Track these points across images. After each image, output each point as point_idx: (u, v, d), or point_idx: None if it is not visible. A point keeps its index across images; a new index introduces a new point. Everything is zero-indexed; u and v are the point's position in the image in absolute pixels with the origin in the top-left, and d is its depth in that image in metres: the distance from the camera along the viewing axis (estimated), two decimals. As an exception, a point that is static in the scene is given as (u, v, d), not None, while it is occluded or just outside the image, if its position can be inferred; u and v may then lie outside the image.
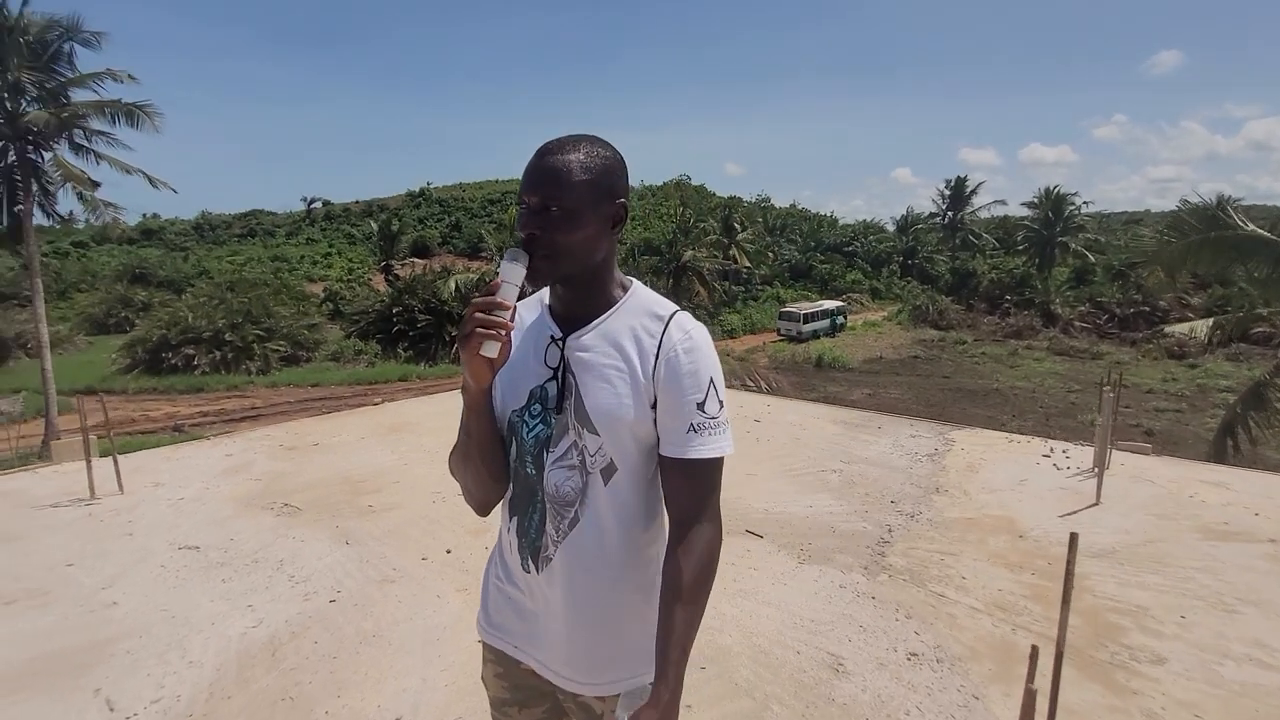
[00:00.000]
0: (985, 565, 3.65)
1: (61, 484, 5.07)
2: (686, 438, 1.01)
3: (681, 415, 1.01)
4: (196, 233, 60.99)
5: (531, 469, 1.08)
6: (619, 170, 1.05)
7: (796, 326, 30.47)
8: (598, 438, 1.03)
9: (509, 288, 0.94)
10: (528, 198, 0.99)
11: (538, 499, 1.08)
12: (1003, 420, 17.50)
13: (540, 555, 1.09)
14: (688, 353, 1.02)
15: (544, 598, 1.10)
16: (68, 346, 27.40)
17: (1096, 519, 4.27)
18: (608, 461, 1.04)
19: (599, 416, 1.03)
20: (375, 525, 4.26)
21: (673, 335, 1.03)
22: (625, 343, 1.05)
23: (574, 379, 1.05)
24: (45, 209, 15.64)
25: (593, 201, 1.00)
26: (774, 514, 4.37)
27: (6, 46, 13.87)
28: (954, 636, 2.96)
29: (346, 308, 30.64)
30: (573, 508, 1.06)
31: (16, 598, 3.40)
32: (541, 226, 0.98)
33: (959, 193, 45.15)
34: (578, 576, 1.07)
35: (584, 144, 1.02)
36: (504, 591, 1.17)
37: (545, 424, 1.06)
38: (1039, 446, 5.89)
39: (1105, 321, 31.59)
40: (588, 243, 1.01)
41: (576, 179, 0.98)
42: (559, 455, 1.06)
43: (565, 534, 1.06)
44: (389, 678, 2.70)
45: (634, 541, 1.09)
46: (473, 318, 0.92)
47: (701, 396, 1.02)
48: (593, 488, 1.05)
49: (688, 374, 1.02)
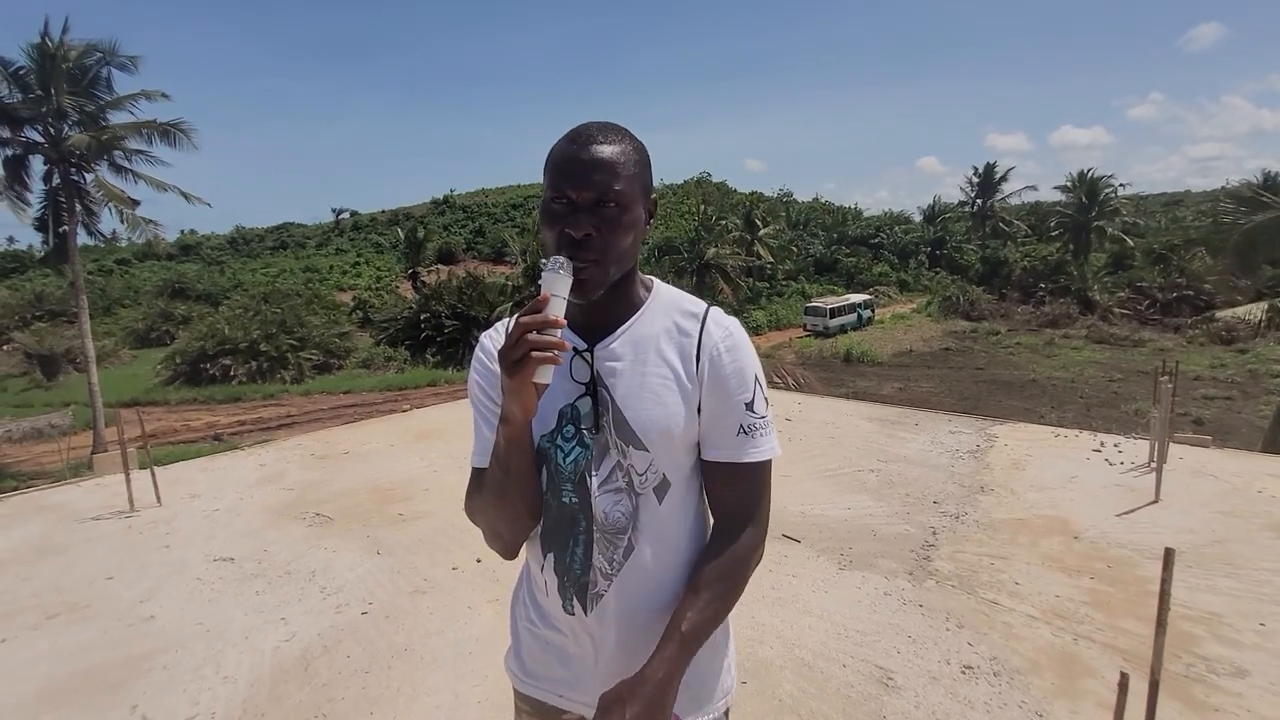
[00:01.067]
0: (1039, 569, 3.46)
1: (103, 497, 5.17)
2: (738, 441, 0.95)
3: (731, 417, 0.95)
4: (231, 247, 62.73)
5: (573, 497, 0.97)
6: (649, 161, 0.95)
7: (823, 321, 29.98)
8: (646, 454, 0.94)
9: (558, 302, 0.82)
10: (575, 192, 0.86)
11: (580, 530, 0.97)
12: (1041, 412, 16.92)
13: (589, 593, 0.97)
14: (730, 350, 0.95)
15: (594, 639, 0.99)
16: (113, 360, 28.39)
17: (1157, 518, 4.03)
18: (660, 478, 0.95)
19: (646, 430, 0.93)
20: (406, 534, 4.23)
21: (712, 333, 0.96)
22: (662, 346, 0.96)
23: (608, 393, 0.95)
24: (89, 228, 16.19)
25: (640, 197, 0.91)
26: (811, 517, 4.23)
27: (50, 73, 14.38)
28: (1011, 647, 2.79)
29: (375, 315, 31.15)
30: (625, 534, 0.95)
31: (59, 611, 3.44)
32: (596, 226, 0.86)
33: (988, 180, 43.96)
34: (638, 610, 0.97)
35: (623, 132, 0.92)
36: (540, 637, 1.05)
37: (583, 446, 0.95)
38: (1088, 441, 5.62)
39: (1147, 307, 30.40)
40: (635, 245, 0.92)
41: (631, 172, 0.88)
42: (604, 478, 0.95)
43: (620, 564, 0.96)
44: (421, 694, 2.64)
45: (691, 561, 1.00)
46: (524, 340, 0.78)
47: (750, 396, 0.95)
48: (645, 509, 0.95)
49: (733, 373, 0.95)
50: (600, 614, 0.97)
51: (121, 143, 15.67)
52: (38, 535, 4.46)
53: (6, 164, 14.63)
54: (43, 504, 5.10)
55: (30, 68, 14.41)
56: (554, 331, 0.80)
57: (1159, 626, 1.87)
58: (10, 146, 14.59)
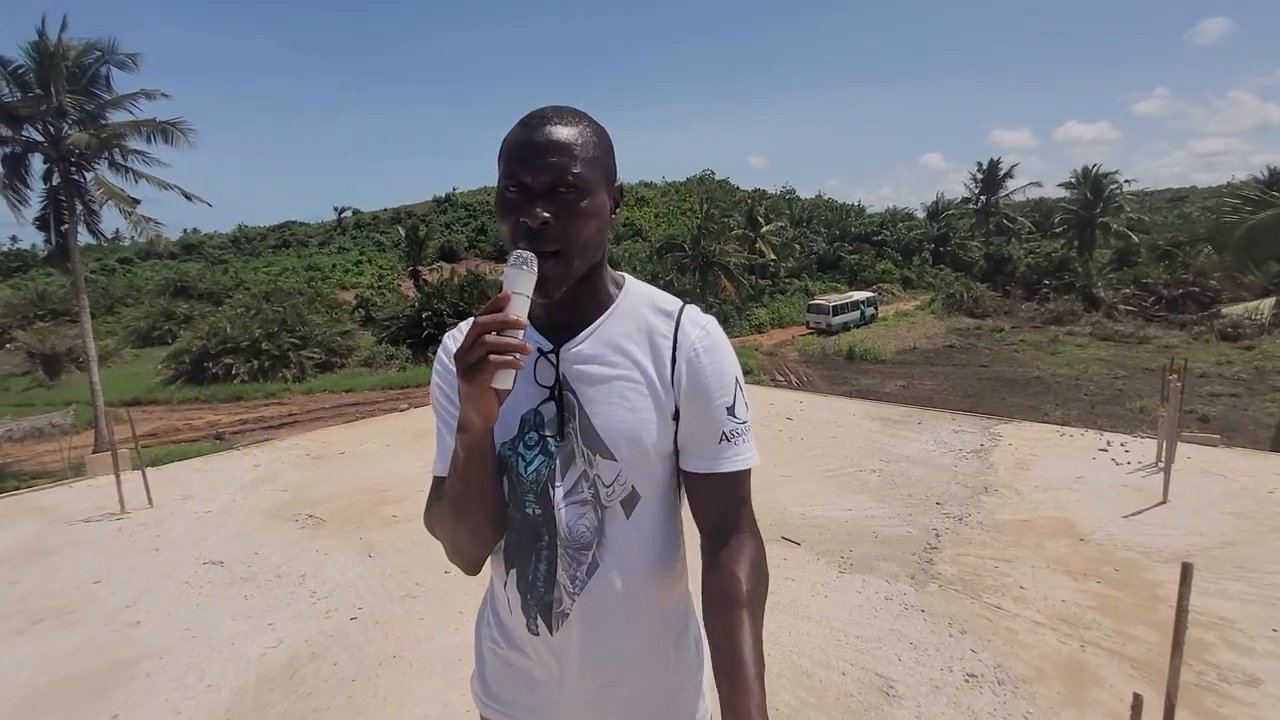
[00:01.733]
0: (1045, 573, 3.38)
1: (95, 498, 5.12)
2: (719, 449, 0.88)
3: (711, 424, 0.88)
4: (234, 245, 62.79)
5: (536, 509, 0.89)
6: (612, 147, 0.88)
7: (826, 319, 29.86)
8: (614, 464, 0.86)
9: (520, 300, 0.74)
10: (530, 177, 0.79)
11: (543, 545, 0.90)
12: (1045, 409, 16.81)
13: (554, 611, 0.90)
14: (708, 351, 0.88)
15: (559, 661, 0.92)
16: (115, 360, 28.40)
17: (1165, 519, 3.94)
18: (629, 490, 0.87)
19: (614, 438, 0.85)
20: (398, 536, 4.16)
21: (689, 333, 0.89)
22: (633, 347, 0.88)
23: (575, 397, 0.87)
24: (90, 227, 16.18)
25: (602, 182, 0.84)
26: (811, 518, 4.15)
27: (49, 72, 14.35)
28: (1015, 655, 2.71)
29: (377, 314, 31.11)
30: (589, 550, 0.88)
31: (44, 616, 3.38)
32: (554, 212, 0.79)
33: (992, 176, 43.67)
34: (603, 630, 0.89)
35: (581, 115, 0.85)
36: (504, 658, 0.98)
37: (546, 454, 0.88)
38: (1094, 440, 5.53)
39: (1152, 304, 30.16)
40: (599, 235, 0.84)
41: (589, 155, 0.81)
42: (568, 489, 0.88)
43: (583, 583, 0.88)
44: (409, 703, 2.57)
45: (662, 580, 0.92)
46: (482, 342, 0.72)
47: (730, 400, 0.89)
48: (611, 524, 0.87)
49: (713, 376, 0.88)
50: (566, 633, 0.90)
51: (121, 141, 15.65)
52: (28, 537, 4.41)
53: (6, 162, 14.61)
54: (35, 505, 5.06)
55: (29, 66, 14.38)
56: (515, 333, 0.73)
57: (1175, 646, 1.78)
58: (10, 145, 14.56)
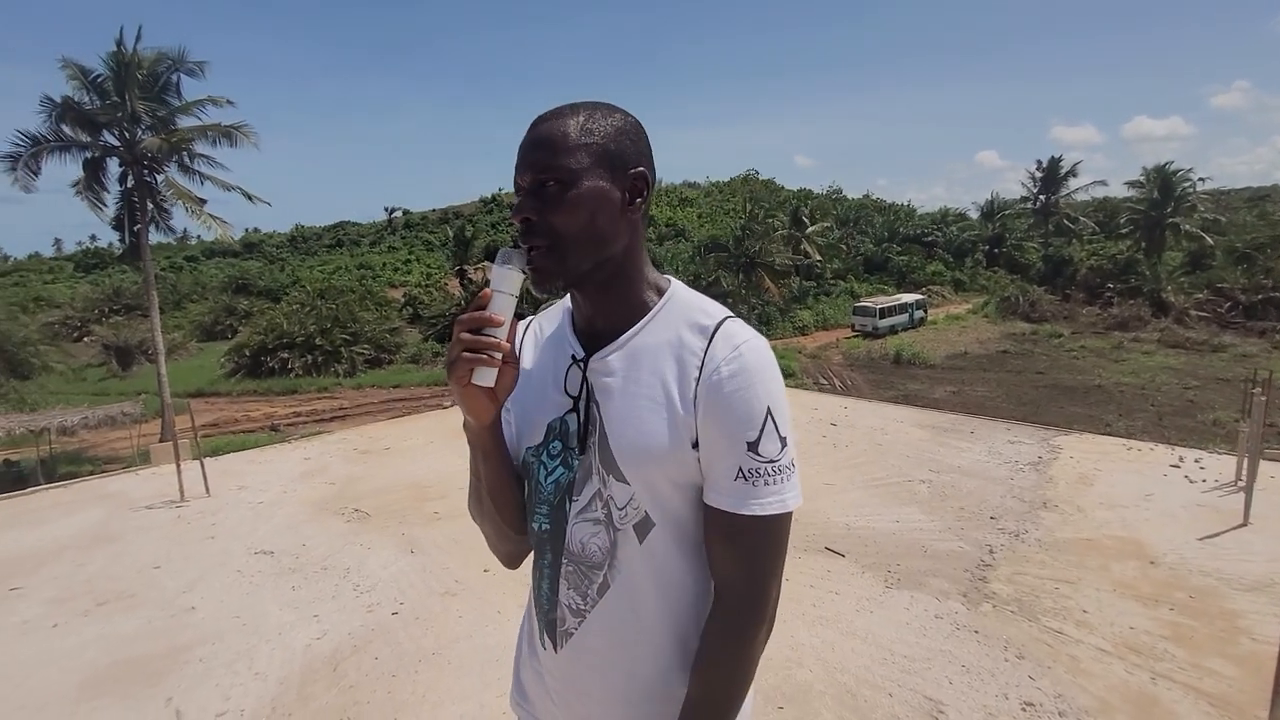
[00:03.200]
0: (1110, 597, 3.17)
1: (158, 486, 5.37)
2: (734, 487, 0.76)
3: (728, 458, 0.77)
4: (291, 245, 65.50)
5: (546, 522, 0.86)
6: (632, 133, 0.81)
7: (872, 321, 29.13)
8: (627, 487, 0.80)
9: (502, 298, 0.75)
10: (518, 178, 0.80)
11: (546, 562, 0.88)
12: (1107, 420, 15.96)
13: (558, 630, 0.87)
14: (734, 375, 0.76)
15: (564, 680, 0.89)
16: (181, 353, 29.97)
17: (1246, 544, 3.66)
18: (641, 516, 0.81)
19: (627, 461, 0.79)
20: (440, 533, 4.21)
21: (718, 351, 0.78)
22: (661, 363, 0.80)
23: (599, 411, 0.82)
24: (160, 226, 17.11)
25: (598, 171, 0.77)
26: (856, 529, 4.01)
27: (125, 80, 15.23)
28: (1078, 684, 2.54)
29: (425, 312, 31.92)
30: (600, 571, 0.83)
31: (108, 599, 3.55)
32: (536, 209, 0.77)
33: (1052, 174, 41.73)
34: (610, 653, 0.85)
35: (584, 108, 0.80)
36: (530, 666, 0.98)
37: (566, 466, 0.84)
38: (1165, 455, 5.19)
39: (1228, 310, 28.33)
40: (597, 226, 0.77)
41: (574, 143, 0.77)
42: (583, 506, 0.83)
43: (594, 601, 0.84)
44: (447, 701, 2.58)
45: (678, 610, 0.84)
46: (459, 339, 0.74)
47: (755, 434, 0.76)
48: (624, 547, 0.82)
49: (736, 403, 0.76)
50: (572, 653, 0.87)
51: (189, 145, 16.48)
52: (95, 522, 4.65)
53: (86, 166, 15.56)
54: (103, 491, 5.34)
55: (107, 75, 15.28)
56: (494, 331, 0.74)
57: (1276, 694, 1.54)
58: (89, 150, 15.50)
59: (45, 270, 61.10)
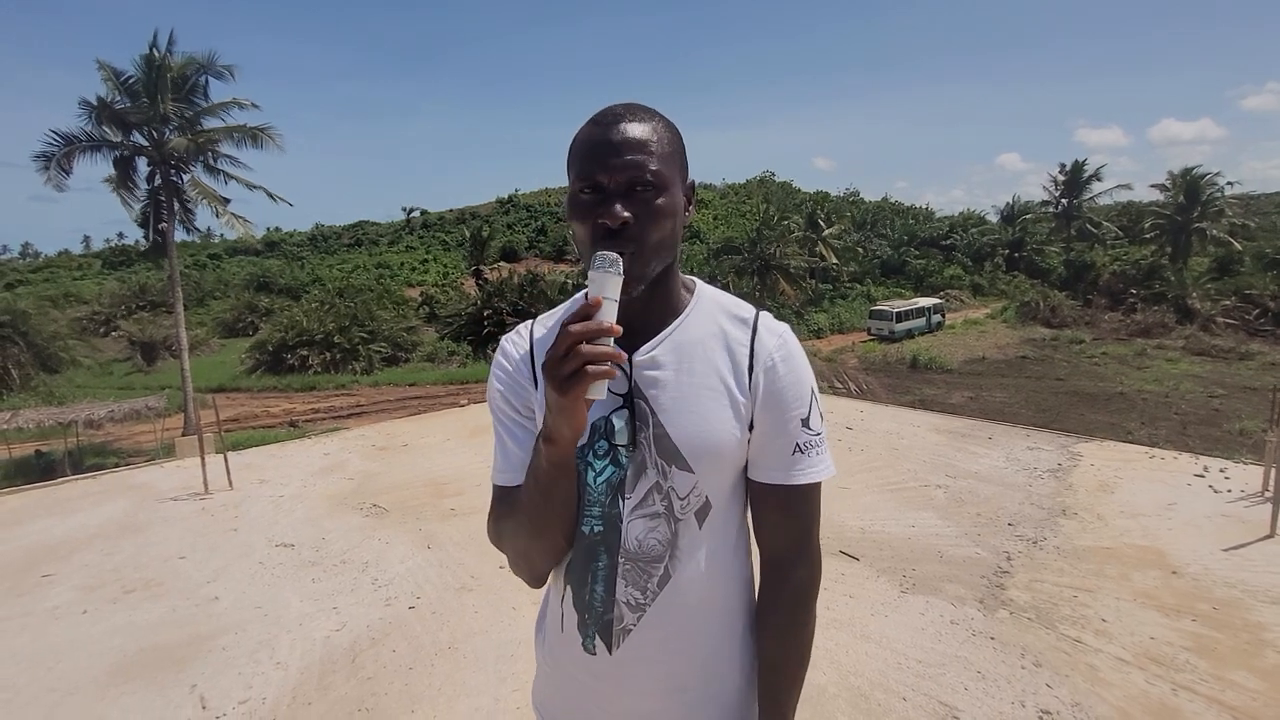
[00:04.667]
0: (1131, 606, 3.13)
1: (182, 479, 5.49)
2: (792, 460, 0.86)
3: (786, 435, 0.86)
4: (311, 244, 66.44)
5: (599, 524, 0.87)
6: (683, 142, 0.86)
7: (889, 325, 28.89)
8: (691, 475, 0.83)
9: (610, 306, 0.71)
10: (606, 177, 0.77)
11: (600, 565, 0.87)
12: (1129, 428, 15.68)
13: (614, 630, 0.87)
14: (785, 361, 0.87)
15: (618, 677, 0.89)
16: (204, 349, 30.53)
17: (1272, 555, 3.59)
18: (703, 501, 0.85)
19: (693, 450, 0.83)
20: (456, 529, 4.26)
21: (765, 341, 0.87)
22: (712, 354, 0.86)
23: (648, 406, 0.84)
24: (185, 225, 17.46)
25: (677, 178, 0.82)
26: (871, 533, 4.00)
27: (157, 82, 15.57)
28: (1097, 693, 2.52)
29: (441, 311, 32.21)
30: (661, 563, 0.85)
31: (135, 587, 3.64)
32: (632, 212, 0.77)
33: (1075, 177, 41.06)
34: (674, 640, 0.87)
35: (650, 112, 0.82)
36: (558, 673, 0.96)
37: (616, 465, 0.85)
38: (1188, 464, 5.10)
39: (1256, 317, 27.70)
40: (675, 232, 0.82)
41: (664, 150, 0.79)
42: (638, 502, 0.85)
43: (655, 594, 0.86)
44: (462, 695, 2.62)
45: (730, 586, 0.91)
46: (578, 353, 0.68)
47: (806, 411, 0.87)
48: (685, 535, 0.85)
49: (790, 386, 0.86)
50: (633, 648, 0.87)
51: (215, 146, 16.81)
52: (123, 512, 4.76)
53: (117, 164, 15.92)
54: (130, 483, 5.46)
55: (138, 77, 15.63)
56: (606, 340, 0.70)
57: None
58: (120, 149, 15.86)
59: (74, 267, 62.59)
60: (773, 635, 0.90)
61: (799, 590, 0.89)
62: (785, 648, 0.90)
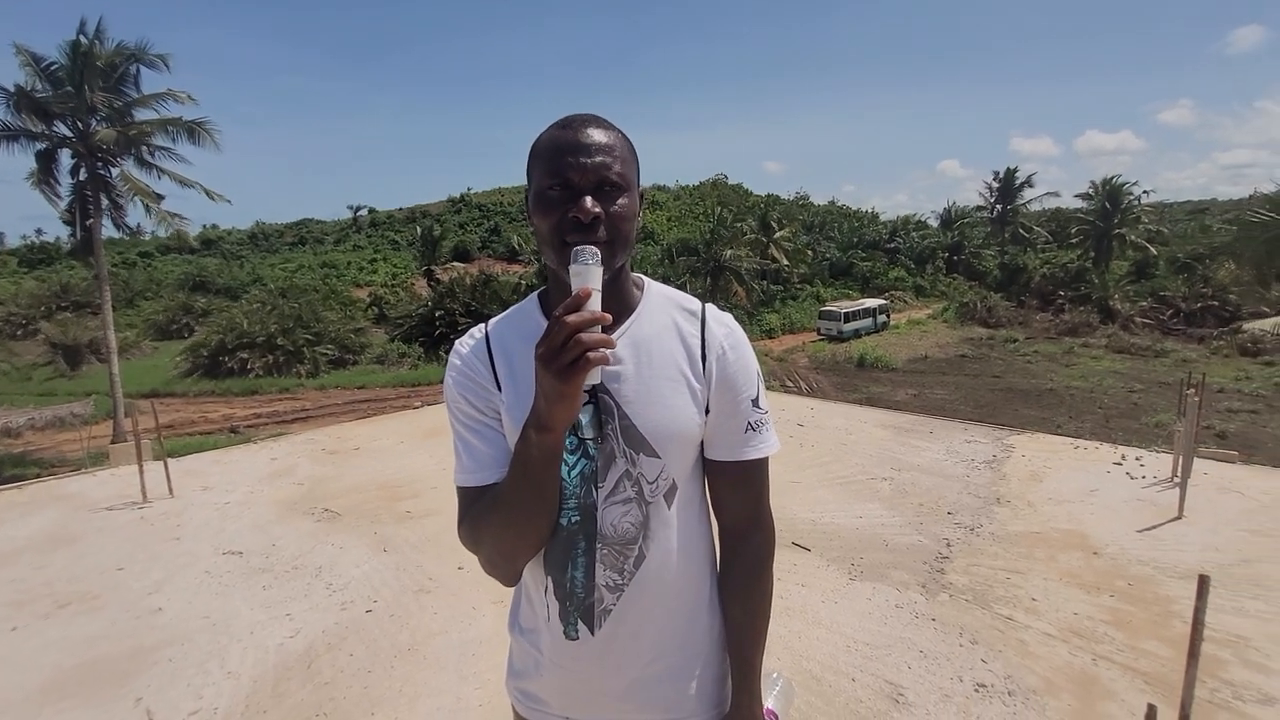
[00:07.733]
0: (1057, 585, 3.37)
1: (117, 487, 5.22)
2: (745, 438, 0.95)
3: (739, 415, 0.95)
4: (252, 242, 63.59)
5: (576, 515, 0.92)
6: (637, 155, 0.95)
7: (837, 325, 29.76)
8: (658, 460, 0.91)
9: (598, 296, 0.75)
10: (577, 175, 0.82)
11: (578, 551, 0.92)
12: (1059, 422, 16.63)
13: (595, 612, 0.93)
14: (734, 348, 0.95)
15: (601, 655, 0.94)
16: (134, 352, 28.82)
17: (1180, 535, 3.92)
18: (670, 484, 0.93)
19: (659, 436, 0.90)
20: (412, 532, 4.22)
21: (715, 331, 0.95)
22: (667, 346, 0.93)
23: (613, 400, 0.90)
24: (115, 221, 16.47)
25: (635, 182, 0.90)
26: (821, 525, 4.16)
27: (84, 70, 14.64)
28: (1026, 666, 2.72)
29: (391, 312, 31.37)
30: (635, 544, 0.92)
31: (70, 601, 3.46)
32: (603, 209, 0.83)
33: (1009, 184, 43.30)
34: (652, 614, 0.94)
35: (609, 122, 0.89)
36: (541, 662, 1.00)
37: (586, 457, 0.91)
38: (1108, 454, 5.49)
39: (1170, 317, 29.79)
40: (634, 231, 0.90)
41: (626, 155, 0.88)
42: (610, 490, 0.91)
43: (632, 574, 0.92)
44: (423, 695, 2.62)
45: (698, 558, 0.99)
46: (578, 341, 0.70)
47: (755, 392, 0.96)
48: (656, 516, 0.93)
49: (739, 371, 0.95)
50: (614, 626, 0.93)
51: (148, 139, 15.93)
52: (53, 524, 4.51)
53: (39, 157, 14.91)
54: (59, 493, 5.17)
55: (62, 64, 14.67)
56: (598, 329, 0.73)
57: (1191, 657, 1.80)
58: (40, 140, 14.86)
59: (-15, 265, 58.05)
60: (737, 598, 0.99)
61: (757, 554, 0.98)
62: (748, 608, 0.98)
